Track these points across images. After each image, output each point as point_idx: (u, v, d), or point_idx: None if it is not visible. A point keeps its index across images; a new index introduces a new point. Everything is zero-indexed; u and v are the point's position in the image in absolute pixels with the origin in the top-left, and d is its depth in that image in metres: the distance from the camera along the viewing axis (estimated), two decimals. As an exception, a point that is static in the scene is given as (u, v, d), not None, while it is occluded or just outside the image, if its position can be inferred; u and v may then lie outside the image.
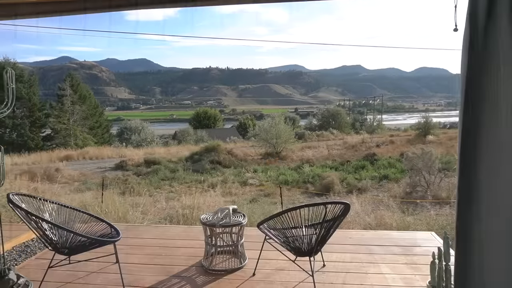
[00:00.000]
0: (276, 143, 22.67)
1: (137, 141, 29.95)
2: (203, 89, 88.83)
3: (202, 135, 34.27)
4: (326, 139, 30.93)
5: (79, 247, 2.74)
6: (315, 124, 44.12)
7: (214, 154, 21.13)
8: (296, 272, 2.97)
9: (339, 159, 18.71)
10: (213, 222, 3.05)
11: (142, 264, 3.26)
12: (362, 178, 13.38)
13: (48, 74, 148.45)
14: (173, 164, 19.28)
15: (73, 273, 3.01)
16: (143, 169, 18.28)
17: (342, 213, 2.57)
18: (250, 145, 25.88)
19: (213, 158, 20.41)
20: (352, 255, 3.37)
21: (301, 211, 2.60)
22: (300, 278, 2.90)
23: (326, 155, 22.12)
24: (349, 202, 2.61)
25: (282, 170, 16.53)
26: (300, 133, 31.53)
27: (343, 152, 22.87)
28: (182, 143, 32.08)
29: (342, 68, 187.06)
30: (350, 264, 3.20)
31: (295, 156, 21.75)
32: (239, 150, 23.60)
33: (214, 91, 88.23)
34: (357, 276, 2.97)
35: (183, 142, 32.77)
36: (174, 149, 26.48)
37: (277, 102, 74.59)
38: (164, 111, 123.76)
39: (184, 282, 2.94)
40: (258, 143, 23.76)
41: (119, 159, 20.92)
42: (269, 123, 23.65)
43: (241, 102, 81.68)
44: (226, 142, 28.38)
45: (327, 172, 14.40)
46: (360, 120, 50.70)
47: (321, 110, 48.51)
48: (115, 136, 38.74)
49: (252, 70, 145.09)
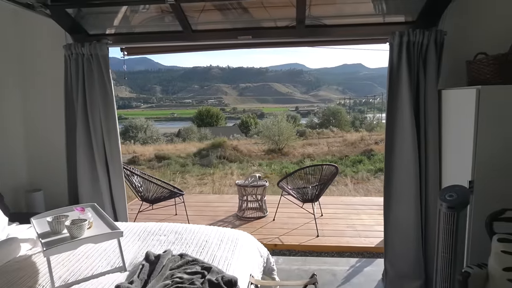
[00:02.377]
0: (278, 140, 23.93)
1: (143, 139, 31.15)
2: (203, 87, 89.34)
3: (206, 133, 35.48)
4: (326, 136, 32.15)
5: (157, 199, 4.11)
6: (316, 122, 45.28)
7: (221, 150, 22.43)
8: (303, 218, 4.34)
9: (338, 155, 20.05)
10: (245, 184, 4.42)
11: (194, 215, 4.63)
12: (358, 170, 14.72)
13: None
14: (182, 159, 20.59)
15: (154, 216, 4.40)
16: (155, 163, 19.60)
17: (334, 173, 3.94)
18: (253, 142, 27.11)
19: (220, 153, 21.69)
20: (342, 210, 4.74)
21: (307, 170, 3.97)
22: (305, 221, 4.27)
23: (326, 151, 23.38)
24: (338, 166, 3.98)
25: (285, 164, 17.87)
26: (301, 131, 32.73)
27: (343, 149, 24.08)
28: (187, 141, 33.28)
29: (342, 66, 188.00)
30: (340, 215, 4.57)
31: (297, 152, 23.04)
32: (243, 147, 24.85)
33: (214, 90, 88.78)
34: (344, 221, 4.34)
35: (187, 140, 33.99)
36: (181, 146, 27.70)
37: (278, 101, 75.47)
38: (165, 109, 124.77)
39: (227, 224, 4.32)
40: (261, 140, 25.03)
41: (131, 154, 22.22)
42: (272, 121, 24.93)
43: (242, 101, 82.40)
44: (230, 139, 29.61)
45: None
46: (360, 118, 51.74)
47: (321, 109, 49.64)
48: (120, 134, 39.90)
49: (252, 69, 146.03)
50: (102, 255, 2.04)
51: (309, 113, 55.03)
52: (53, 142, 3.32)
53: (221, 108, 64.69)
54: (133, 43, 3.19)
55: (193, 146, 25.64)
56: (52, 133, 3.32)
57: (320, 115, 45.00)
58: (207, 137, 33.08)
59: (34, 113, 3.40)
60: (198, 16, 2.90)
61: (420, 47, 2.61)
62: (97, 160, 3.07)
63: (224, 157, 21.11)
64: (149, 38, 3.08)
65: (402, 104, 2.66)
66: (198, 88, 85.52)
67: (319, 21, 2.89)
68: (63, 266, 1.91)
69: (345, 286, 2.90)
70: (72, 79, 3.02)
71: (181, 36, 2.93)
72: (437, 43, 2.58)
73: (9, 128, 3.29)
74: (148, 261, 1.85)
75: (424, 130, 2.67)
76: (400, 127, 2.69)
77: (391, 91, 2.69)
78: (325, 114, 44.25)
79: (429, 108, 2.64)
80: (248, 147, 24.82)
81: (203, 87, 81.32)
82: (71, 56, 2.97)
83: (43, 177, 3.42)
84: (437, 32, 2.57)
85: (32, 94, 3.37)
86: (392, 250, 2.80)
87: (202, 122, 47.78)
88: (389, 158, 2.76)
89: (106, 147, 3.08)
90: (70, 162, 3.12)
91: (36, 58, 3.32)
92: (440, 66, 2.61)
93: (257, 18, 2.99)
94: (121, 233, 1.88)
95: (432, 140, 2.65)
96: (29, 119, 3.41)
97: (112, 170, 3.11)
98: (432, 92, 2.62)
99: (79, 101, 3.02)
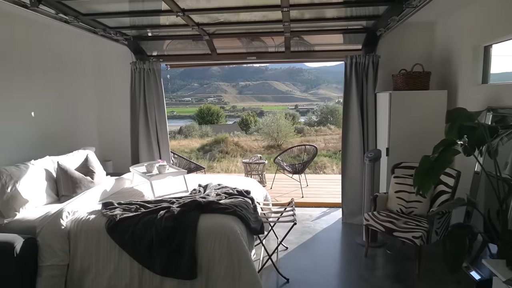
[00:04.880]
0: (277, 136, 25.43)
1: (149, 136, 32.58)
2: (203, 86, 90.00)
3: (207, 130, 36.93)
4: (324, 134, 33.65)
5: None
6: (315, 120, 46.63)
7: (223, 145, 23.94)
8: (292, 187, 5.85)
9: (333, 150, 21.59)
10: (250, 162, 5.94)
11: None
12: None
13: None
14: (187, 154, 22.10)
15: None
16: (163, 157, 21.08)
17: (314, 152, 5.45)
18: (253, 139, 28.60)
19: (222, 148, 23.19)
20: (325, 183, 6.26)
21: (295, 149, 5.48)
22: (294, 189, 5.78)
23: (323, 147, 24.88)
24: (317, 147, 5.50)
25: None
26: (299, 128, 34.25)
27: (339, 145, 25.54)
28: (189, 138, 34.75)
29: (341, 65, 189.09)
30: (322, 185, 6.09)
31: (295, 149, 24.58)
32: (243, 143, 26.34)
33: (214, 88, 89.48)
34: (326, 185, 5.86)
35: (189, 137, 35.46)
36: (184, 142, 29.17)
37: (277, 99, 76.59)
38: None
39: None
40: (261, 137, 26.54)
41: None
42: (271, 119, 26.43)
43: (241, 99, 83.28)
44: (231, 136, 31.08)
45: (321, 158, 17.28)
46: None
47: (320, 107, 50.98)
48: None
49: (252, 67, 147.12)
50: (173, 185, 3.54)
51: (308, 111, 56.22)
52: (119, 128, 4.82)
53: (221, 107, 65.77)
54: (177, 61, 4.70)
55: (196, 143, 27.17)
56: (118, 122, 4.83)
57: (319, 113, 46.57)
58: (208, 135, 34.67)
59: (106, 110, 4.90)
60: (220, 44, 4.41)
61: (363, 65, 4.11)
62: (152, 139, 4.57)
63: (227, 152, 22.67)
64: (188, 58, 4.59)
65: (352, 102, 4.17)
66: (197, 86, 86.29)
67: (300, 48, 4.40)
68: (152, 191, 3.42)
69: (317, 221, 4.41)
70: (136, 85, 4.51)
71: (209, 57, 4.43)
72: (374, 63, 4.09)
73: (87, 119, 4.78)
74: (200, 187, 3.36)
75: (366, 119, 4.18)
76: (351, 117, 4.20)
77: (346, 94, 4.20)
78: (323, 112, 45.75)
79: (369, 104, 4.14)
80: (248, 143, 26.36)
81: (203, 85, 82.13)
82: (136, 70, 4.47)
83: (112, 152, 4.93)
84: (374, 56, 4.07)
85: (106, 96, 4.87)
86: (346, 197, 4.32)
87: (203, 120, 49.26)
88: (345, 137, 4.27)
89: (157, 130, 4.58)
90: (133, 139, 4.61)
91: (110, 71, 4.82)
92: (376, 78, 4.12)
93: (260, 45, 4.49)
94: (185, 172, 3.40)
95: (371, 125, 4.16)
96: (102, 113, 4.91)
97: (162, 147, 4.61)
98: (371, 94, 4.12)
99: (140, 100, 4.52)
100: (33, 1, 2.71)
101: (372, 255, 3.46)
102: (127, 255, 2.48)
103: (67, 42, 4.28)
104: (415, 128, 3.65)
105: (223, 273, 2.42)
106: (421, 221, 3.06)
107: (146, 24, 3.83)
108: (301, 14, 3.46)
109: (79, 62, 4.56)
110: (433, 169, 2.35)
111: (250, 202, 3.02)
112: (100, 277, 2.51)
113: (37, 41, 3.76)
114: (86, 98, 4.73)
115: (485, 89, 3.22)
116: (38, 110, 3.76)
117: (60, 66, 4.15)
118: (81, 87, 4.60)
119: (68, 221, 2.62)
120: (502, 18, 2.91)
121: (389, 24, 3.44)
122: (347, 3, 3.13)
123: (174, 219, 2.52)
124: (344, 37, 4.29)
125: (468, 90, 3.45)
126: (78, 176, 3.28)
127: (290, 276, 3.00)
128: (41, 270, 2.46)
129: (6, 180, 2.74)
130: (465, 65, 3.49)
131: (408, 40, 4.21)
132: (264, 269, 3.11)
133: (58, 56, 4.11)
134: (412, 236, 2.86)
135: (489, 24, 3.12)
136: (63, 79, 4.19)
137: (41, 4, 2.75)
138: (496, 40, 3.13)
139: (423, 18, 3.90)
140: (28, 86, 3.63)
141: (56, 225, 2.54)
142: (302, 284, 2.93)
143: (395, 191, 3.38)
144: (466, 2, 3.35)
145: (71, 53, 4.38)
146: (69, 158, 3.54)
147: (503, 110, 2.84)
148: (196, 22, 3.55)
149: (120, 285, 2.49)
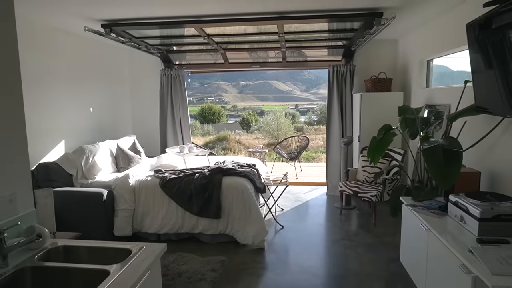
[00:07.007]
0: (277, 134, 26.60)
1: (153, 134, 33.79)
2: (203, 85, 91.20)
3: (209, 129, 38.06)
4: (322, 132, 34.79)
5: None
6: (314, 119, 47.68)
7: (225, 142, 25.13)
8: (288, 170, 7.05)
9: (329, 146, 22.79)
10: (253, 150, 7.15)
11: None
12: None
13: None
14: (192, 150, 23.27)
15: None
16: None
17: (306, 142, 6.67)
18: (254, 137, 29.73)
19: (225, 145, 24.36)
20: (316, 169, 7.47)
21: (291, 139, 6.70)
22: (290, 172, 6.99)
23: (321, 144, 26.06)
24: (308, 138, 6.71)
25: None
26: (299, 127, 35.44)
27: (335, 142, 26.60)
28: (191, 136, 35.90)
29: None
30: (315, 171, 7.30)
31: (294, 146, 25.78)
32: (244, 141, 27.47)
33: (215, 88, 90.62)
34: (316, 170, 7.06)
35: (191, 135, 36.61)
36: (188, 140, 30.28)
37: (278, 99, 77.77)
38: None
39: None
40: (262, 135, 27.72)
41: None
42: (271, 118, 27.64)
43: (242, 99, 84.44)
44: (233, 134, 32.24)
45: (319, 154, 18.49)
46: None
47: (320, 106, 52.07)
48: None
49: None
50: (197, 162, 4.75)
51: (308, 111, 57.33)
52: (149, 124, 6.04)
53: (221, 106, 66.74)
54: (197, 69, 5.92)
55: (198, 140, 28.35)
56: (148, 119, 6.04)
57: (318, 113, 47.82)
58: (209, 133, 35.97)
59: (138, 109, 6.12)
60: (232, 55, 5.63)
61: (343, 73, 5.33)
62: (178, 130, 5.79)
63: (229, 149, 23.90)
64: (206, 66, 5.80)
65: (334, 101, 5.38)
66: (198, 86, 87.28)
67: (296, 58, 5.62)
68: (185, 164, 4.62)
69: (307, 194, 5.63)
70: (164, 89, 5.73)
71: (223, 66, 5.65)
72: (351, 71, 5.30)
73: (125, 115, 6.00)
74: (218, 162, 4.58)
75: (345, 114, 5.39)
76: (333, 113, 5.42)
77: (330, 95, 5.41)
78: (323, 111, 46.99)
79: (347, 103, 5.35)
80: (249, 141, 27.59)
81: (203, 85, 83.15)
82: (164, 75, 5.68)
83: (143, 142, 6.14)
84: (351, 65, 5.29)
85: (139, 98, 6.09)
86: (330, 174, 5.53)
87: (204, 119, 50.49)
88: (328, 128, 5.48)
89: (181, 123, 5.80)
90: (162, 130, 5.83)
91: (142, 77, 6.03)
92: (352, 82, 5.33)
93: (262, 55, 5.70)
94: (209, 152, 4.63)
95: (348, 119, 5.37)
96: (136, 111, 6.13)
97: (184, 136, 5.83)
98: (348, 95, 5.34)
99: (168, 99, 5.73)
100: (107, 30, 3.92)
101: (345, 213, 4.68)
102: (174, 202, 3.70)
103: (110, 55, 5.49)
104: (380, 120, 4.82)
105: (239, 214, 3.64)
106: (378, 186, 4.28)
107: (175, 43, 5.05)
108: (295, 35, 4.67)
109: (120, 70, 5.78)
110: (379, 146, 3.55)
111: (256, 171, 4.24)
112: (155, 218, 3.74)
113: (95, 56, 4.98)
114: (123, 99, 5.95)
115: (426, 92, 4.44)
116: (95, 107, 4.98)
117: (108, 74, 5.37)
118: (121, 90, 5.82)
119: (132, 180, 3.84)
120: (439, 40, 4.11)
121: (362, 41, 4.61)
122: (332, 17, 3.89)
123: (205, 179, 3.74)
124: (328, 51, 5.50)
125: (417, 92, 4.67)
126: (131, 154, 4.51)
127: (284, 225, 4.23)
128: (117, 212, 3.68)
129: (88, 154, 3.97)
130: (415, 73, 4.71)
131: (377, 54, 5.43)
132: (267, 221, 4.33)
133: (106, 66, 5.32)
134: (370, 195, 4.08)
135: (431, 44, 4.32)
136: (109, 84, 5.41)
137: (112, 32, 3.97)
138: (435, 55, 4.34)
139: (388, 36, 5.11)
140: (89, 90, 4.84)
141: (126, 183, 3.77)
142: (293, 230, 4.15)
143: (361, 166, 4.60)
144: (417, 25, 4.55)
145: (113, 64, 5.60)
146: (123, 141, 4.76)
147: (437, 108, 4.06)
148: (216, 42, 4.77)
149: (169, 223, 3.71)
